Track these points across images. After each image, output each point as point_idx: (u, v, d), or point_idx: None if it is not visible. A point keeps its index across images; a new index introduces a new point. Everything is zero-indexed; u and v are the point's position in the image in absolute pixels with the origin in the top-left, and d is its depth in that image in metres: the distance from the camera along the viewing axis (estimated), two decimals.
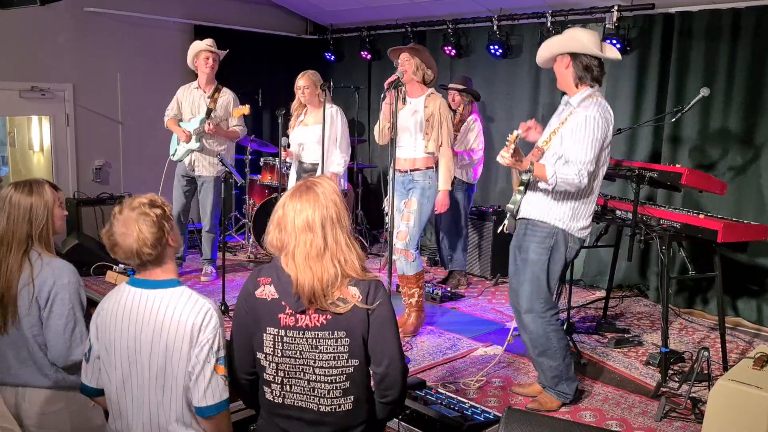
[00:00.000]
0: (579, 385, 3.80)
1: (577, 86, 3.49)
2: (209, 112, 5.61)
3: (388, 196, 4.45)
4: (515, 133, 3.39)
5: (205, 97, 5.70)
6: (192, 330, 2.00)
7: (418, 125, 4.59)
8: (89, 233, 6.24)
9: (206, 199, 5.83)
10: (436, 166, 4.67)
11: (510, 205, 3.61)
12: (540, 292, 3.56)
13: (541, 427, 2.24)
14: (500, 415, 2.28)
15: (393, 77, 4.31)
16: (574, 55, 3.45)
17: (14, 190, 2.46)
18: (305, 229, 2.03)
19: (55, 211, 2.53)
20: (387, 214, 4.59)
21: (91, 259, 5.70)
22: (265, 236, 2.14)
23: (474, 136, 5.77)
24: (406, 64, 4.53)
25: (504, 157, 3.34)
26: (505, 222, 3.69)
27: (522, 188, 3.58)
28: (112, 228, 2.03)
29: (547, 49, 3.56)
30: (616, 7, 5.58)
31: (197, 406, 2.03)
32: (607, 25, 5.60)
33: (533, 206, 3.56)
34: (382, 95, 4.40)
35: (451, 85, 5.92)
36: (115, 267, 3.40)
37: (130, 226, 1.99)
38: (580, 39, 3.43)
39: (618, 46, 5.56)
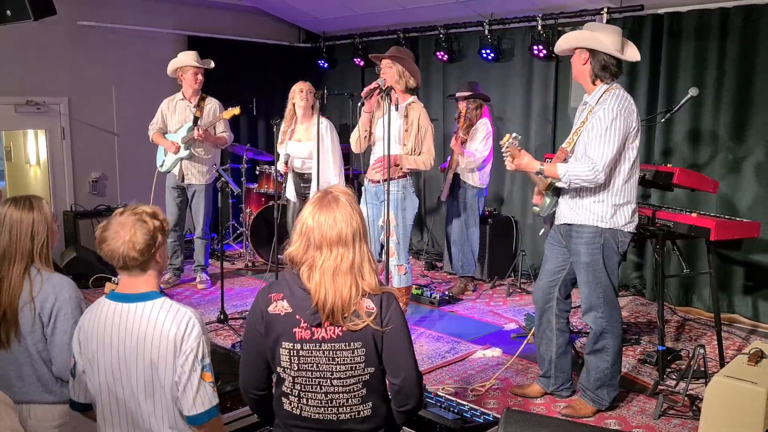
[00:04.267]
0: (574, 385, 3.82)
1: (593, 83, 3.47)
2: (196, 120, 5.69)
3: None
4: (506, 137, 3.43)
5: (191, 106, 5.79)
6: (175, 340, 2.00)
7: (396, 133, 4.51)
8: (87, 245, 6.25)
9: (198, 207, 5.92)
10: (410, 175, 4.61)
11: (535, 208, 3.61)
12: (598, 290, 3.51)
13: (539, 427, 2.26)
14: (500, 416, 2.31)
15: (373, 85, 4.29)
16: (593, 53, 3.43)
17: (14, 207, 2.47)
18: (338, 243, 2.00)
19: (53, 226, 2.55)
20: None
21: (90, 271, 5.70)
22: (287, 247, 2.10)
23: (482, 137, 5.62)
24: (388, 71, 4.51)
25: (508, 164, 3.45)
26: (544, 228, 3.71)
27: (549, 191, 3.58)
28: (108, 225, 2.05)
29: (566, 42, 3.51)
30: (605, 9, 5.62)
31: (188, 415, 2.02)
32: None
33: (570, 210, 3.52)
34: (360, 103, 4.39)
35: (457, 94, 5.79)
36: (113, 279, 3.40)
37: (126, 228, 2.01)
38: (600, 38, 3.41)
39: None
